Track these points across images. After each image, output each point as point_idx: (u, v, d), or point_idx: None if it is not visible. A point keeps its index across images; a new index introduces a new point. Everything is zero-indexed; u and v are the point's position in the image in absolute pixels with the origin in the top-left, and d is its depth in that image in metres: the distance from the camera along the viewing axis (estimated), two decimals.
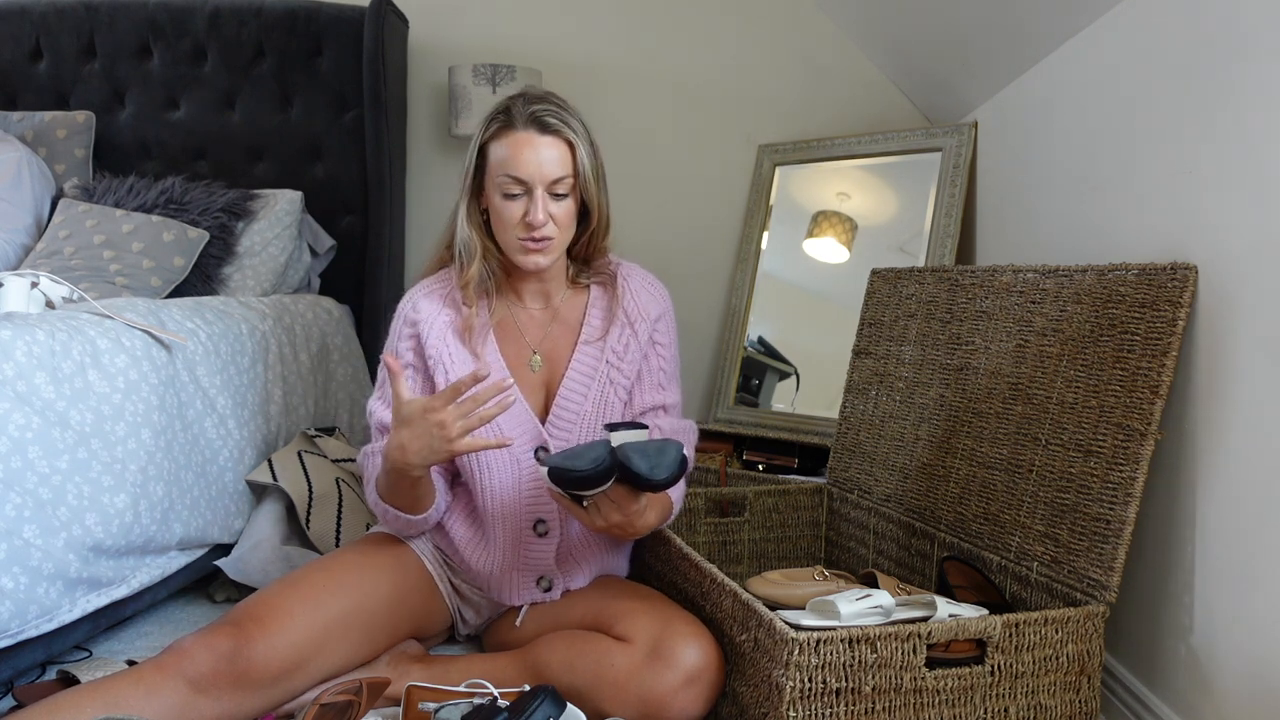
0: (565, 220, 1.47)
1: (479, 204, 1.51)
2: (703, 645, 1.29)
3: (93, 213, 2.23)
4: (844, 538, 1.84)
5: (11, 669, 1.32)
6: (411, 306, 1.54)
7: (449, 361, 1.50)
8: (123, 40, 2.47)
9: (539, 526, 1.51)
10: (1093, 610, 1.22)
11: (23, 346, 1.29)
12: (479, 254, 1.50)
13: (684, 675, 1.27)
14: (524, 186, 1.43)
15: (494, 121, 1.46)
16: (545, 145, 1.42)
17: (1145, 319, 1.25)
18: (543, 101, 1.45)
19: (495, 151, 1.45)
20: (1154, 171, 1.37)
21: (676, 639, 1.29)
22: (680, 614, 1.36)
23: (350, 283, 2.50)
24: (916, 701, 1.16)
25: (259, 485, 1.85)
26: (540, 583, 1.53)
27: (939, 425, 1.62)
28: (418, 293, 1.56)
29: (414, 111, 2.65)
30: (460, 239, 1.51)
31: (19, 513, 1.24)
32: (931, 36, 2.19)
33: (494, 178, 1.45)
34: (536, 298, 1.58)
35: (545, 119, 1.43)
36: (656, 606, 1.39)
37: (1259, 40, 1.14)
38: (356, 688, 1.27)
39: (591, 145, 1.48)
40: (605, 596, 1.48)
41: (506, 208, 1.44)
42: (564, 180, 1.44)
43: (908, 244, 2.25)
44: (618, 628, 1.36)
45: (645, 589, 1.51)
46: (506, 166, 1.43)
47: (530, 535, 1.51)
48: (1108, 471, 1.26)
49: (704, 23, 2.60)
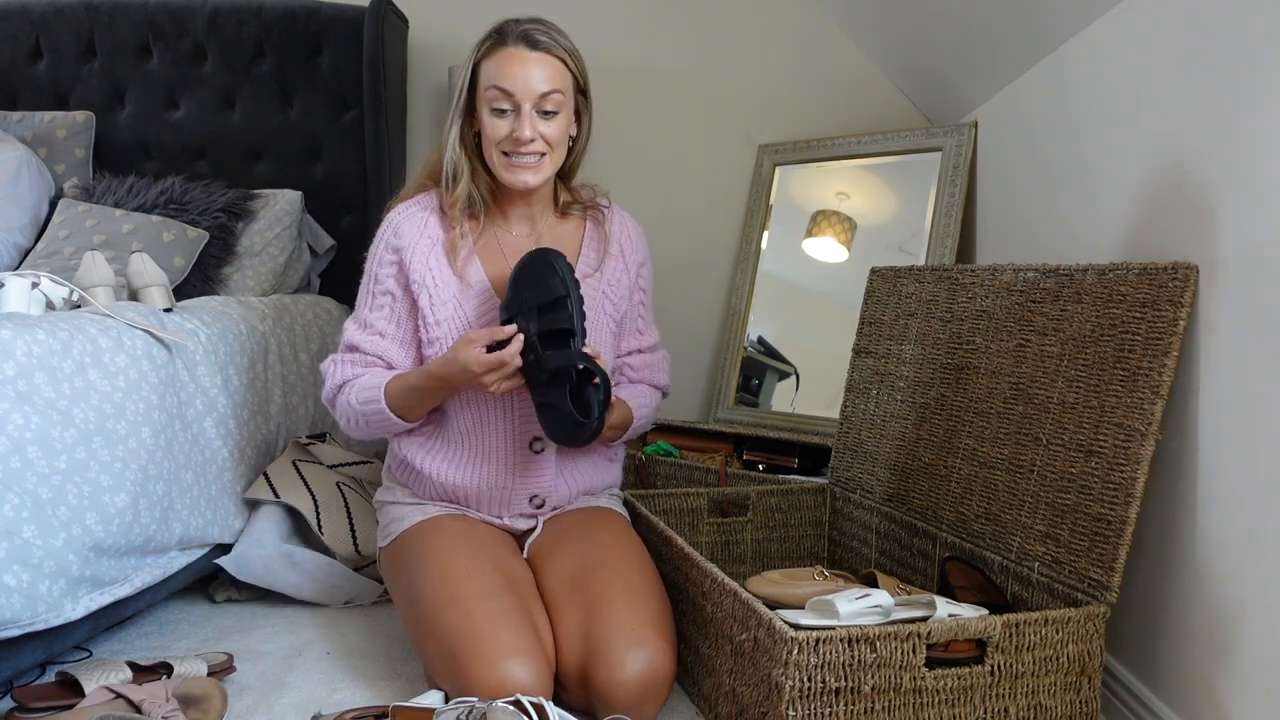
0: (555, 138, 1.50)
1: (471, 126, 1.54)
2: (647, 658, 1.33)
3: (92, 213, 2.23)
4: (847, 537, 1.84)
5: (12, 669, 1.32)
6: (393, 232, 1.57)
7: (433, 285, 1.54)
8: (122, 40, 2.47)
9: (535, 444, 1.56)
10: (1093, 610, 1.22)
11: (23, 346, 1.29)
12: (467, 174, 1.54)
13: (625, 686, 1.31)
14: (512, 101, 1.46)
15: (486, 40, 1.50)
16: (534, 61, 1.46)
17: (1146, 319, 1.25)
18: (534, 22, 1.50)
19: (486, 69, 1.49)
20: (1154, 171, 1.37)
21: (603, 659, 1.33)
22: (626, 623, 1.35)
23: (350, 283, 2.48)
24: (916, 701, 1.16)
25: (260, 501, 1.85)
26: (533, 500, 1.58)
27: (940, 425, 1.62)
28: (398, 216, 1.58)
29: (414, 111, 2.65)
30: (449, 159, 1.54)
31: (18, 512, 1.24)
32: (931, 36, 2.19)
33: (484, 94, 1.49)
34: (522, 221, 1.60)
35: (535, 36, 1.47)
36: (607, 606, 1.38)
37: (1259, 40, 1.14)
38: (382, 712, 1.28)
39: (580, 66, 1.53)
40: (590, 568, 1.46)
41: (495, 124, 1.48)
42: (552, 96, 1.47)
43: (907, 243, 2.25)
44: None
45: (631, 564, 1.48)
46: (495, 79, 1.47)
47: (526, 453, 1.56)
48: (1108, 471, 1.26)
49: (704, 23, 2.59)
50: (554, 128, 1.49)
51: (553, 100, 1.48)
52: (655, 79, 2.62)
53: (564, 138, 1.53)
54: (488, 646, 1.31)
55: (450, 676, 1.33)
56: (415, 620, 1.44)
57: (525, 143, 1.47)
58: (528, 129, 1.46)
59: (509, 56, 1.47)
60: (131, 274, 1.79)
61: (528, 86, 1.46)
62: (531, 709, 1.17)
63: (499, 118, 1.48)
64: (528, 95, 1.46)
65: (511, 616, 1.35)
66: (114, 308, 1.57)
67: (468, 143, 1.55)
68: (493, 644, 1.31)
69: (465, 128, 1.54)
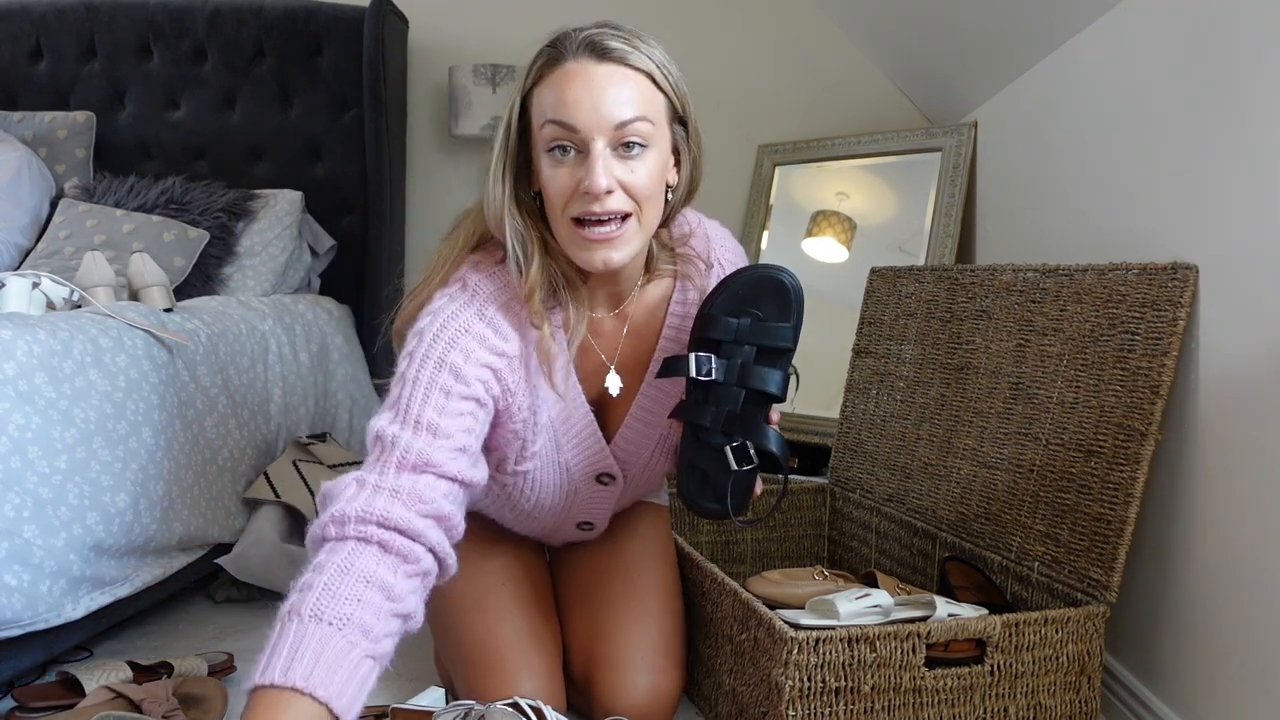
0: (644, 189, 1.06)
1: (529, 186, 1.12)
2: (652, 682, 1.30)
3: (93, 213, 2.23)
4: (847, 537, 1.84)
5: (13, 669, 1.32)
6: (495, 331, 1.11)
7: (538, 409, 1.17)
8: (123, 40, 2.47)
9: (583, 526, 1.43)
10: (1093, 610, 1.22)
11: (24, 346, 1.29)
12: (539, 252, 1.10)
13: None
14: (577, 139, 1.03)
15: (537, 59, 1.08)
16: (604, 77, 1.03)
17: (1146, 319, 1.25)
18: (604, 26, 1.06)
19: (541, 100, 1.06)
20: (1154, 171, 1.37)
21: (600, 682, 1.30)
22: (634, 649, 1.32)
23: (350, 283, 2.50)
24: (916, 701, 1.16)
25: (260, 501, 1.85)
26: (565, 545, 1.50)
27: (940, 425, 1.62)
28: (486, 304, 1.12)
29: (414, 111, 2.65)
30: (512, 231, 1.09)
31: (19, 512, 1.24)
32: (931, 36, 2.19)
33: (540, 136, 1.06)
34: (607, 303, 1.21)
35: (606, 42, 1.04)
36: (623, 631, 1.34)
37: (1259, 40, 1.14)
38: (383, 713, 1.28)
39: (677, 85, 1.10)
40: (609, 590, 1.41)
41: (555, 176, 1.05)
42: (635, 125, 1.03)
43: (907, 243, 2.25)
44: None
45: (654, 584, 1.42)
46: (550, 109, 1.04)
47: (573, 531, 1.44)
48: (1108, 471, 1.26)
49: (704, 23, 2.59)
50: (641, 173, 1.05)
51: (636, 131, 1.04)
52: None
53: (658, 189, 1.09)
54: (510, 664, 1.28)
55: (465, 680, 1.32)
56: (439, 611, 1.36)
57: (598, 196, 1.03)
58: (601, 176, 1.02)
59: (569, 75, 1.04)
60: (132, 274, 1.79)
61: (598, 114, 1.02)
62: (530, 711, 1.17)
63: (560, 164, 1.05)
64: (599, 126, 1.02)
65: (535, 633, 1.33)
66: (114, 308, 1.57)
67: (527, 207, 1.11)
68: (514, 662, 1.28)
69: (520, 186, 1.11)
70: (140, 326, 1.55)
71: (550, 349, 1.11)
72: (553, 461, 1.25)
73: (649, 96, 1.06)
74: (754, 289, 1.16)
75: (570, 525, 1.42)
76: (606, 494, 1.37)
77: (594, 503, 1.38)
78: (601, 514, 1.42)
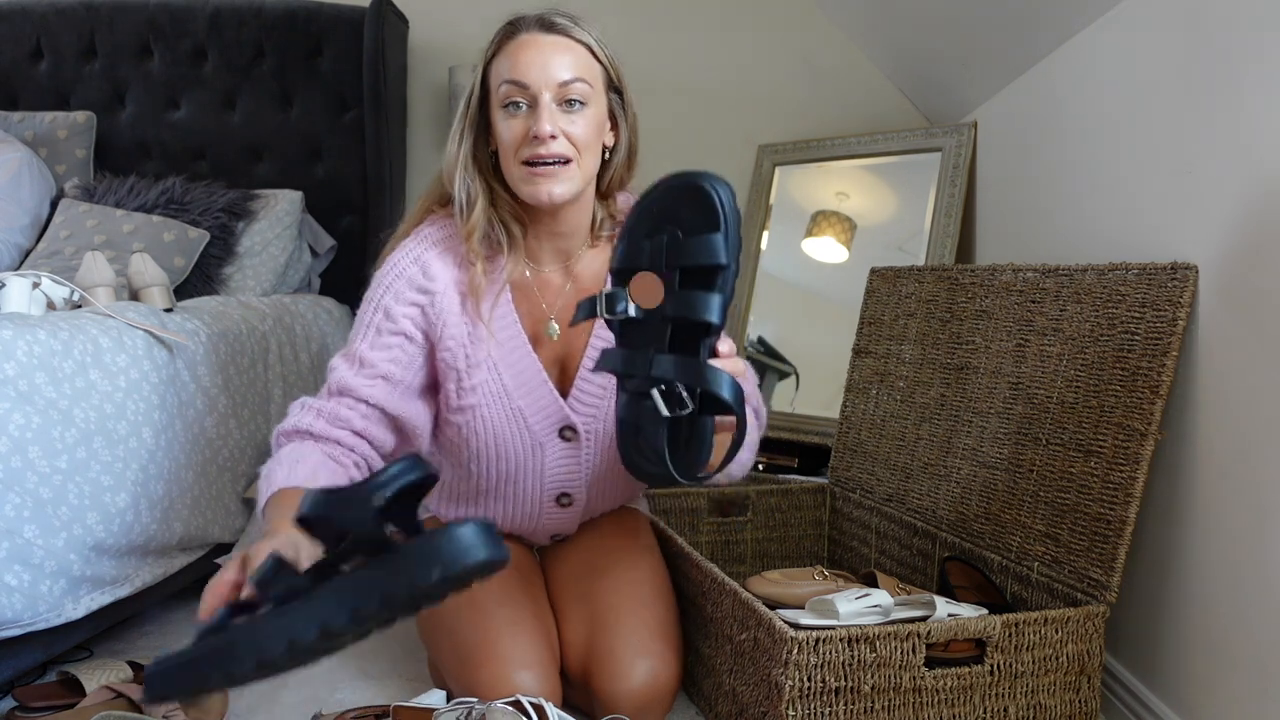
0: (583, 138, 1.25)
1: (487, 145, 1.31)
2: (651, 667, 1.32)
3: (93, 213, 2.23)
4: (847, 537, 1.84)
5: (13, 669, 1.32)
6: (422, 271, 1.31)
7: (470, 345, 1.31)
8: (123, 41, 2.47)
9: (562, 499, 1.45)
10: (1093, 610, 1.22)
11: (24, 346, 1.30)
12: (484, 199, 1.30)
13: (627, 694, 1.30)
14: (528, 94, 1.23)
15: (495, 36, 1.29)
16: (552, 46, 1.24)
17: (1145, 319, 1.25)
18: (552, 11, 1.29)
19: (497, 67, 1.27)
20: (1154, 171, 1.37)
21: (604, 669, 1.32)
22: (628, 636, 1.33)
23: (350, 283, 2.49)
24: (916, 701, 1.17)
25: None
26: (553, 537, 1.54)
27: (940, 425, 1.62)
28: (428, 253, 1.32)
29: (414, 111, 2.65)
30: (460, 182, 1.30)
31: (19, 512, 1.24)
32: (931, 36, 2.19)
33: (497, 95, 1.26)
34: (554, 258, 1.37)
35: (552, 19, 1.27)
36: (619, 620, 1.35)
37: (1259, 40, 1.14)
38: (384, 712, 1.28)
39: (611, 59, 1.31)
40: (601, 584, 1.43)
41: (510, 126, 1.24)
42: (575, 85, 1.24)
43: (907, 243, 2.25)
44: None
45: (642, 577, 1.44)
46: (507, 73, 1.24)
47: (552, 507, 1.46)
48: (1108, 471, 1.26)
49: (704, 23, 2.59)
50: (580, 124, 1.25)
51: (576, 90, 1.24)
52: (655, 79, 2.62)
53: (594, 141, 1.29)
54: (502, 656, 1.29)
55: (459, 677, 1.33)
56: (428, 615, 1.40)
57: (545, 139, 1.22)
58: (546, 122, 1.21)
59: (522, 44, 1.25)
60: (132, 274, 1.79)
61: (545, 73, 1.22)
62: (531, 710, 1.17)
63: (513, 116, 1.24)
64: (545, 83, 1.23)
65: (527, 625, 1.34)
66: (115, 308, 1.57)
67: (481, 163, 1.31)
68: (507, 654, 1.29)
69: (479, 146, 1.31)
70: (140, 326, 1.55)
71: (480, 284, 1.29)
72: (502, 405, 1.35)
73: (588, 64, 1.27)
74: (669, 199, 1.02)
75: (550, 500, 1.44)
76: (573, 453, 1.40)
77: (565, 467, 1.41)
78: (577, 484, 1.43)
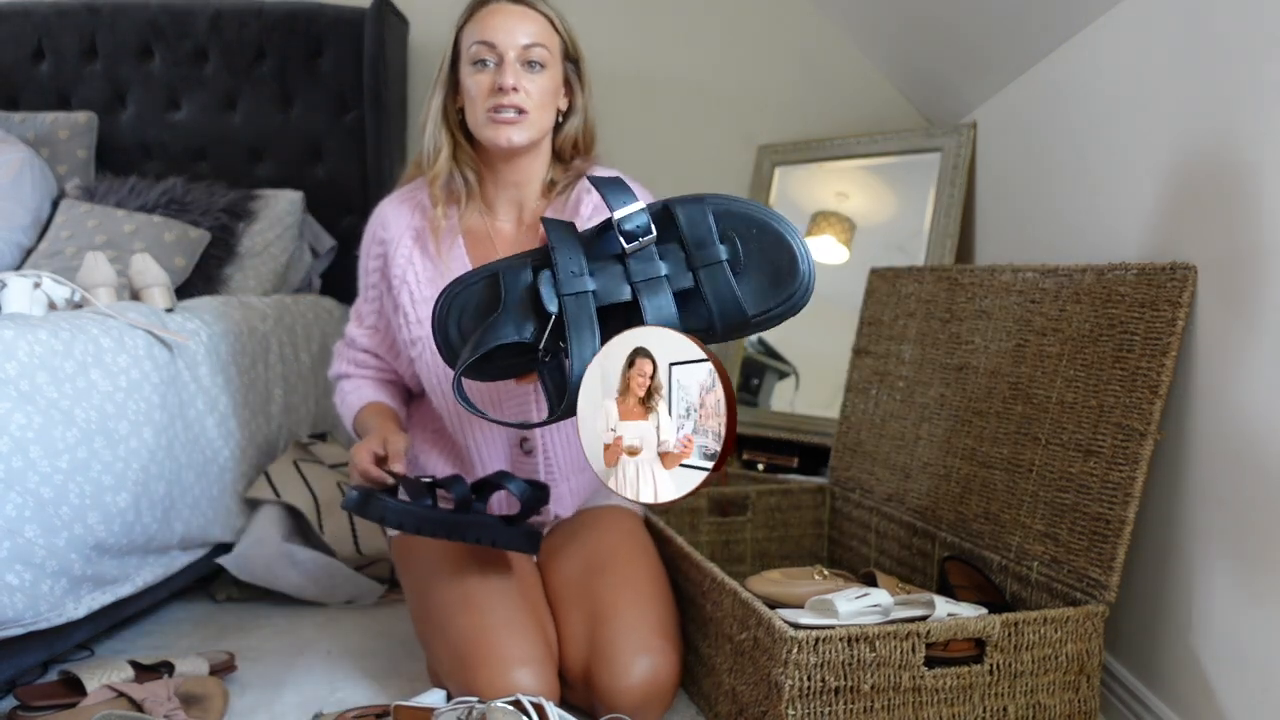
0: (539, 96, 1.42)
1: (455, 101, 1.47)
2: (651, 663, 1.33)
3: (94, 213, 2.23)
4: (847, 537, 1.84)
5: (14, 668, 1.33)
6: (380, 223, 1.53)
7: (414, 281, 1.49)
8: (124, 41, 2.47)
9: (524, 444, 1.50)
10: (1092, 610, 1.22)
11: (25, 346, 1.30)
12: (448, 149, 1.47)
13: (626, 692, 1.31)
14: (495, 53, 1.40)
15: (469, 5, 1.46)
16: (517, 14, 1.41)
17: (1145, 319, 1.26)
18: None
19: (468, 32, 1.43)
20: (1154, 171, 1.38)
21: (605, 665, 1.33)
22: (625, 632, 1.34)
23: (351, 283, 2.48)
24: (915, 700, 1.17)
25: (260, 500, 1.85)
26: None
27: (939, 425, 1.62)
28: (386, 206, 1.54)
29: (414, 112, 2.65)
30: (429, 133, 1.47)
31: (20, 512, 1.24)
32: (931, 36, 2.19)
33: (466, 54, 1.43)
34: (510, 208, 1.52)
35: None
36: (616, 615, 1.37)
37: (1259, 40, 1.15)
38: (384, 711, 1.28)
39: (569, 32, 1.47)
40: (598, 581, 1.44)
41: (477, 80, 1.41)
42: (536, 49, 1.41)
43: (907, 244, 2.25)
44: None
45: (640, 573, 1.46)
46: (476, 35, 1.41)
47: (519, 454, 1.51)
48: (1108, 471, 1.26)
49: (704, 23, 2.60)
50: (538, 83, 1.41)
51: (537, 53, 1.41)
52: (655, 79, 2.62)
53: (550, 100, 1.44)
54: (498, 654, 1.30)
55: (457, 678, 1.33)
56: (425, 615, 1.43)
57: (507, 91, 1.38)
58: (509, 76, 1.38)
59: (492, 11, 1.42)
60: (133, 274, 1.80)
61: (510, 36, 1.39)
62: (531, 709, 1.17)
63: (481, 72, 1.41)
64: (510, 44, 1.39)
65: (522, 623, 1.34)
66: (116, 308, 1.58)
67: (449, 116, 1.47)
68: (503, 652, 1.30)
69: (448, 102, 1.47)
70: (141, 326, 1.56)
71: (440, 225, 1.47)
72: None
73: (548, 33, 1.43)
74: (754, 228, 1.17)
75: (516, 445, 1.50)
76: (522, 393, 1.45)
77: (518, 403, 1.46)
78: (533, 416, 1.45)
